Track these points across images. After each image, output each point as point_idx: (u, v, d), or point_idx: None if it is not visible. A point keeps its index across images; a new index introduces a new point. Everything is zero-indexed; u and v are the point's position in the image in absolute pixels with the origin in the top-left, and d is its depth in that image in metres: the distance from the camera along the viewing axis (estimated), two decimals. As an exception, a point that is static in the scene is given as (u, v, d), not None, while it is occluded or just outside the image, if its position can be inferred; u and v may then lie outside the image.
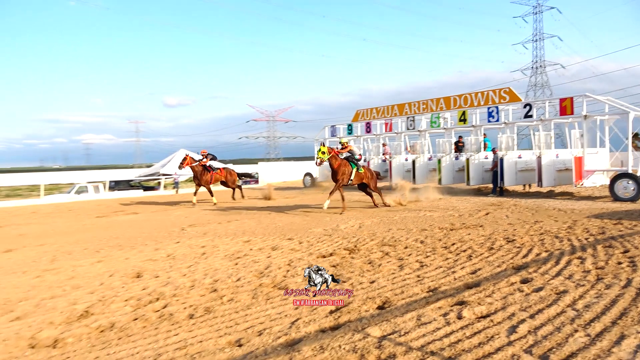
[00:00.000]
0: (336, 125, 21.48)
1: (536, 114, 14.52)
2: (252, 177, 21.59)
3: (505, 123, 15.03)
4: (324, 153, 10.73)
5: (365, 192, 12.36)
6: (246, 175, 19.33)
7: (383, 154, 18.99)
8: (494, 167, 14.45)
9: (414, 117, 17.95)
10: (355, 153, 11.83)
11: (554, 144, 14.88)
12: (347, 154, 11.65)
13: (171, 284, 5.07)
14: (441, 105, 17.17)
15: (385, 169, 18.21)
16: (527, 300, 3.93)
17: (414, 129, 17.93)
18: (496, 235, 7.14)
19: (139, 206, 15.16)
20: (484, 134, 16.05)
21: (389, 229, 8.31)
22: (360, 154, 12.65)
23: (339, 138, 20.72)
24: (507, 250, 6.04)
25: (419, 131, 17.79)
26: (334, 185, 11.40)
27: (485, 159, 15.31)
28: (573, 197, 12.86)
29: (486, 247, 6.33)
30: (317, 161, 10.96)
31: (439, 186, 15.67)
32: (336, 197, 11.64)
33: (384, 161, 18.63)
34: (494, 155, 14.55)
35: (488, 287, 4.39)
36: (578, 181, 12.82)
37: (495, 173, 14.39)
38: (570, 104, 13.16)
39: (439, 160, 16.23)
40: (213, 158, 15.26)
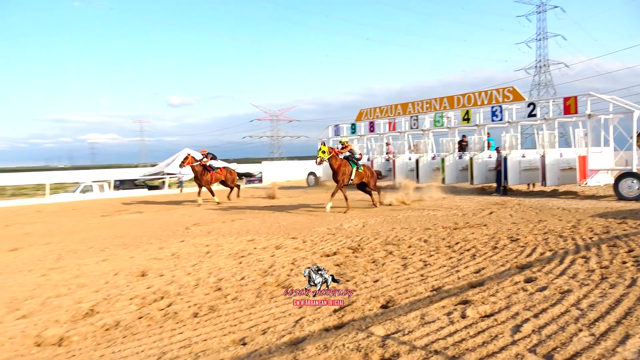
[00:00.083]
0: (339, 125, 21.45)
1: (540, 113, 14.48)
2: (253, 176, 21.57)
3: (509, 122, 14.98)
4: (324, 152, 10.75)
5: (364, 192, 12.36)
6: (247, 175, 19.32)
7: (386, 153, 18.97)
8: (497, 166, 14.41)
9: (417, 117, 17.92)
10: (355, 152, 11.84)
11: (558, 143, 14.82)
12: (347, 153, 11.66)
13: (176, 282, 5.09)
14: (445, 105, 17.14)
15: (389, 168, 18.22)
16: (531, 299, 3.92)
17: (418, 128, 17.91)
18: (500, 235, 7.13)
19: (143, 205, 15.21)
20: (487, 133, 16.01)
21: (393, 228, 8.31)
22: (361, 153, 12.66)
23: (347, 137, 20.76)
24: (511, 250, 6.04)
25: (422, 130, 17.78)
26: (337, 184, 11.42)
27: (488, 158, 15.27)
28: (577, 197, 12.82)
29: (490, 246, 6.33)
30: (317, 160, 10.99)
31: (442, 185, 15.66)
32: (339, 197, 11.64)
33: (387, 160, 18.63)
34: (497, 154, 14.51)
35: (492, 286, 4.39)
36: (582, 180, 12.78)
37: (498, 172, 14.35)
38: (574, 103, 13.11)
39: (442, 160, 16.21)
40: (213, 158, 15.22)
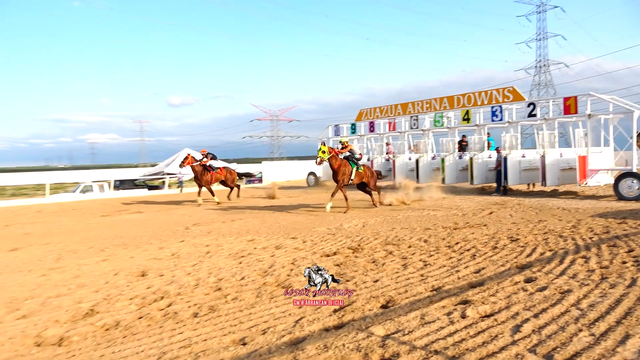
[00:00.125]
0: (340, 125, 21.45)
1: (540, 113, 14.48)
2: (252, 176, 21.56)
3: (509, 122, 14.98)
4: (324, 152, 10.76)
5: (364, 191, 12.36)
6: (247, 175, 19.30)
7: (386, 153, 18.98)
8: (497, 166, 14.41)
9: (417, 117, 17.92)
10: (355, 152, 11.85)
11: (558, 143, 14.83)
12: (347, 153, 11.67)
13: (176, 282, 5.09)
14: (445, 105, 17.14)
15: (389, 168, 18.22)
16: (531, 299, 3.92)
17: (418, 128, 17.91)
18: (500, 235, 7.13)
19: (143, 205, 15.21)
20: (487, 133, 16.01)
21: (393, 228, 8.31)
22: (361, 153, 12.66)
23: (347, 137, 20.75)
24: (511, 250, 6.04)
25: (422, 130, 17.78)
26: (337, 184, 11.43)
27: (488, 158, 15.27)
28: (577, 196, 12.82)
29: (490, 246, 6.33)
30: (317, 160, 10.99)
31: (442, 185, 15.67)
32: (339, 197, 11.64)
33: (387, 160, 18.63)
34: (497, 154, 14.51)
35: (492, 286, 4.39)
36: (582, 180, 12.78)
37: (498, 172, 14.35)
38: (574, 103, 13.11)
39: (442, 160, 16.21)
40: (213, 157, 15.18)
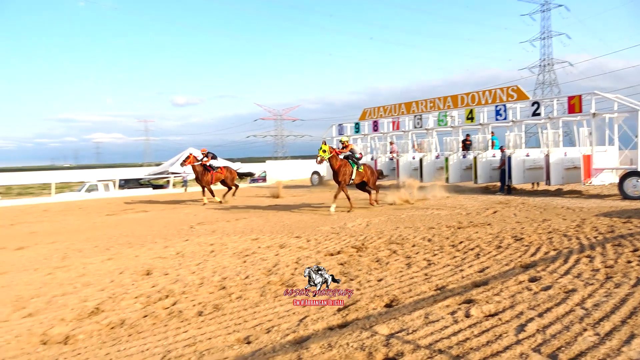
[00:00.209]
0: (343, 124, 21.44)
1: (544, 112, 14.41)
2: (253, 175, 21.52)
3: (513, 121, 14.94)
4: (324, 151, 10.77)
5: (363, 190, 12.33)
6: (247, 175, 19.28)
7: (390, 153, 18.97)
8: (501, 166, 14.37)
9: (421, 116, 17.90)
10: (355, 152, 11.82)
11: (562, 142, 14.80)
12: (348, 153, 11.64)
13: (180, 281, 5.12)
14: (448, 104, 17.11)
15: (393, 167, 18.21)
16: (536, 298, 3.92)
17: (422, 127, 17.88)
18: (504, 234, 7.12)
19: (148, 204, 15.26)
20: (491, 132, 15.97)
21: (397, 227, 8.31)
22: (361, 152, 12.63)
23: (347, 136, 20.72)
24: (515, 249, 6.03)
25: (426, 129, 17.74)
26: (338, 185, 11.40)
27: (492, 157, 15.24)
28: (581, 196, 12.77)
29: (494, 245, 6.32)
30: (317, 159, 10.99)
31: (446, 184, 15.63)
32: (342, 196, 11.63)
33: (391, 159, 18.62)
34: (501, 153, 14.47)
35: (496, 285, 4.38)
36: (586, 179, 12.72)
37: (502, 171, 14.31)
38: (578, 101, 13.05)
39: (446, 159, 16.18)
40: (213, 157, 15.09)
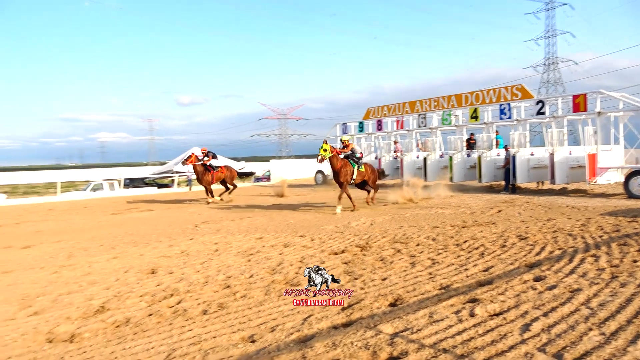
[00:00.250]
0: (347, 123, 21.43)
1: (549, 110, 14.38)
2: (253, 174, 21.49)
3: (518, 120, 14.90)
4: (325, 150, 10.76)
5: (362, 189, 12.29)
6: (247, 174, 19.24)
7: (394, 152, 18.95)
8: (506, 165, 14.34)
9: (425, 115, 17.87)
10: (356, 151, 11.80)
11: (567, 141, 14.73)
12: (349, 152, 11.62)
13: (185, 280, 5.13)
14: (452, 103, 17.07)
15: (397, 166, 18.20)
16: (541, 298, 3.91)
17: (425, 126, 17.86)
18: (509, 233, 7.10)
19: (153, 203, 15.30)
20: (496, 131, 15.93)
21: (401, 226, 8.30)
22: (361, 152, 12.61)
23: (350, 135, 20.72)
24: (519, 248, 6.01)
25: (430, 128, 17.72)
26: (339, 185, 11.37)
27: (497, 156, 15.20)
28: (586, 195, 12.72)
29: (498, 244, 6.30)
30: (318, 158, 10.98)
31: (450, 184, 15.62)
32: (345, 196, 11.61)
33: (395, 159, 18.60)
34: (506, 152, 14.43)
35: (501, 284, 4.37)
36: (591, 178, 12.68)
37: (507, 170, 14.28)
38: (583, 100, 13.01)
39: (450, 158, 16.16)
40: (214, 157, 15.02)
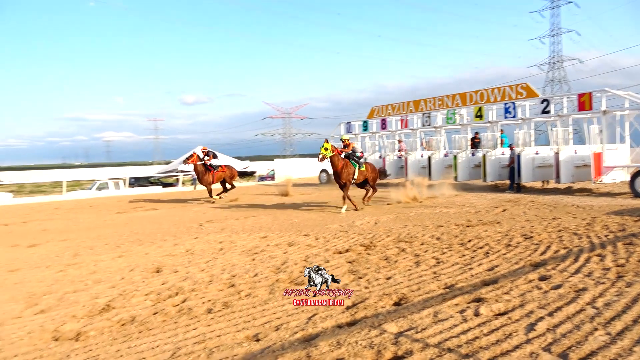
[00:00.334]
0: (351, 122, 21.42)
1: (554, 109, 14.31)
2: (253, 174, 21.48)
3: (522, 119, 14.83)
4: (326, 149, 10.74)
5: (362, 187, 12.27)
6: (248, 174, 19.23)
7: (399, 151, 18.93)
8: (510, 164, 14.28)
9: (429, 114, 17.83)
10: (357, 151, 11.77)
11: (572, 140, 14.66)
12: (349, 152, 11.59)
13: (190, 278, 5.15)
14: (457, 102, 17.03)
15: (401, 165, 18.18)
16: (546, 297, 3.90)
17: (430, 125, 17.82)
18: (513, 232, 7.08)
19: (158, 202, 15.34)
20: (500, 130, 15.87)
21: (405, 225, 8.29)
22: (362, 151, 12.57)
23: (355, 134, 20.71)
24: (524, 247, 5.99)
25: (434, 127, 17.68)
26: (341, 186, 11.33)
27: (502, 155, 15.15)
28: (592, 194, 12.65)
29: (503, 243, 6.28)
30: (319, 157, 10.96)
31: (455, 182, 15.57)
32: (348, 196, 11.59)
33: (399, 158, 18.58)
34: (511, 151, 14.38)
35: (506, 284, 4.36)
36: (597, 177, 12.61)
37: (512, 169, 14.23)
38: (588, 99, 12.94)
39: (455, 157, 16.12)
40: (214, 156, 14.96)
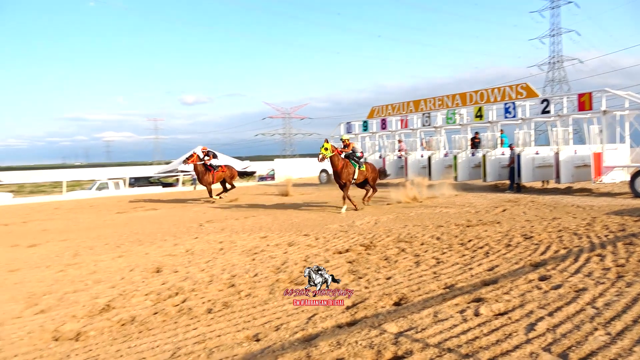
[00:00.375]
0: (351, 122, 21.42)
1: (554, 109, 14.31)
2: (253, 173, 21.47)
3: (522, 119, 14.84)
4: (326, 149, 10.74)
5: (361, 187, 12.27)
6: (248, 174, 19.22)
7: (399, 151, 18.93)
8: (510, 164, 14.28)
9: (429, 114, 17.83)
10: (357, 150, 11.76)
11: (572, 140, 14.67)
12: (349, 152, 11.59)
13: (190, 278, 5.15)
14: (457, 102, 17.03)
15: (401, 165, 18.18)
16: (546, 297, 3.90)
17: (430, 125, 17.82)
18: (513, 232, 7.08)
19: (158, 202, 15.34)
20: (500, 130, 15.87)
21: (405, 225, 8.29)
22: (362, 151, 12.57)
23: (355, 134, 20.71)
24: (524, 247, 5.99)
25: (434, 127, 17.68)
26: (341, 186, 11.33)
27: (502, 155, 15.15)
28: (592, 194, 12.65)
29: (503, 243, 6.28)
30: (319, 157, 10.95)
31: (455, 182, 15.57)
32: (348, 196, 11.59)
33: (399, 158, 18.57)
34: (511, 151, 14.38)
35: (505, 284, 4.36)
36: (597, 177, 12.61)
37: (512, 169, 14.23)
38: (588, 99, 12.94)
39: (455, 157, 16.12)
40: (214, 156, 14.94)
